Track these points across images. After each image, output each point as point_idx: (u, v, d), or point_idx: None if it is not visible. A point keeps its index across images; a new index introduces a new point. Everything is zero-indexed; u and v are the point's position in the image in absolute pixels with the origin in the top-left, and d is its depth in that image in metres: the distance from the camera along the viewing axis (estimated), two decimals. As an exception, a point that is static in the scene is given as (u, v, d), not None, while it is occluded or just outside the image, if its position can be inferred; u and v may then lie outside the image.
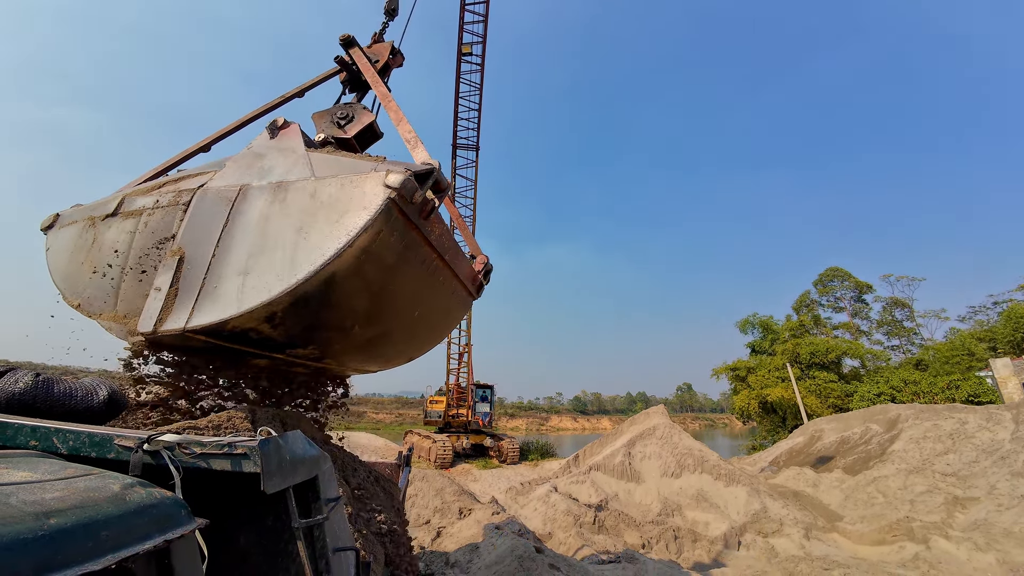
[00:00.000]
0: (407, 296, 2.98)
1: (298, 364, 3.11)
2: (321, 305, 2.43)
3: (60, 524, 0.84)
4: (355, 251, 2.27)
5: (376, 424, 61.94)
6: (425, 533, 9.11)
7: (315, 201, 2.41)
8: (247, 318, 2.28)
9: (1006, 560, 7.26)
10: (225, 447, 1.46)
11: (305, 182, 2.51)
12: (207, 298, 2.35)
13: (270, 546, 1.71)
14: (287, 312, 2.35)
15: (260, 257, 2.35)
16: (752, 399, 34.01)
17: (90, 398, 2.36)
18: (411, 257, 2.67)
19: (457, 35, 21.33)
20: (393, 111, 3.40)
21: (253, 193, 2.60)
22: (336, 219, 2.30)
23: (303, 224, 2.36)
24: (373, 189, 2.32)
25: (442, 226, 2.90)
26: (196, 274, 2.43)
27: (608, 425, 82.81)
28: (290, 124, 3.09)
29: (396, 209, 2.35)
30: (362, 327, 2.84)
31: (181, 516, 1.13)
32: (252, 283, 2.30)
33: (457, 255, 3.24)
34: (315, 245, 2.27)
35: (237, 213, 2.55)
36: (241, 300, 2.28)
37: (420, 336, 3.62)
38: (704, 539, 9.44)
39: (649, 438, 14.09)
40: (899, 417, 14.69)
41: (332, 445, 3.68)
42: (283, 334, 2.53)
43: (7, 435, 1.49)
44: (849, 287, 45.50)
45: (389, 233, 2.39)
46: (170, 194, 2.88)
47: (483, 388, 28.41)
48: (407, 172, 2.36)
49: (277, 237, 2.38)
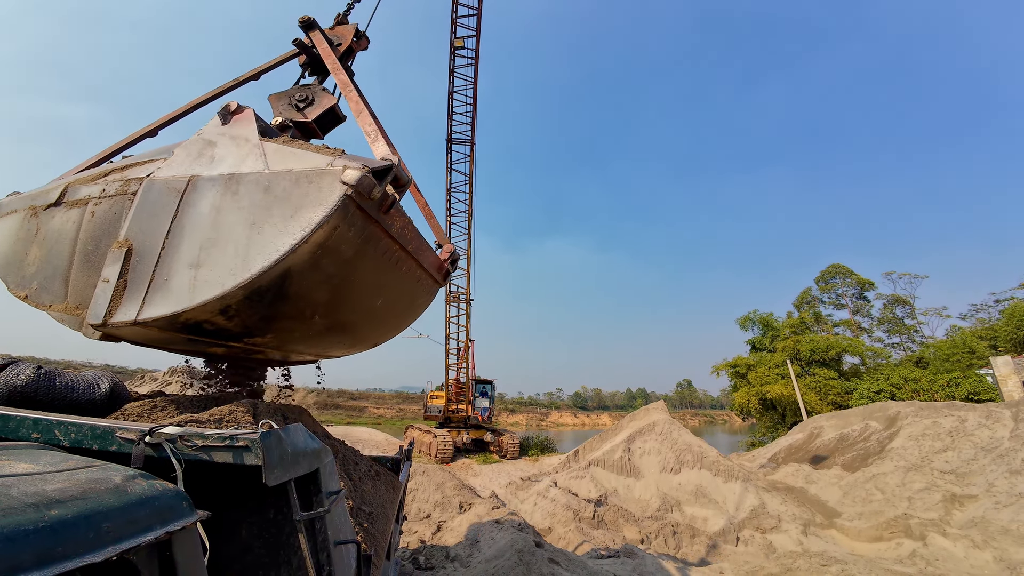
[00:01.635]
0: (369, 287, 2.95)
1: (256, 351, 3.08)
2: (277, 298, 2.40)
3: (61, 515, 0.85)
4: (311, 247, 2.24)
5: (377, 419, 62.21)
6: (425, 527, 9.16)
7: (269, 195, 2.36)
8: (200, 311, 2.27)
9: (1003, 558, 7.29)
10: (227, 439, 1.46)
11: (259, 175, 2.45)
12: (158, 291, 2.32)
13: (272, 539, 1.71)
14: (241, 305, 2.33)
15: (212, 250, 2.31)
16: (752, 396, 34.07)
17: (92, 391, 2.37)
18: (371, 250, 2.65)
19: (450, 29, 21.16)
20: (354, 101, 3.24)
21: (203, 184, 2.53)
22: (291, 214, 2.27)
23: (256, 219, 2.32)
24: (329, 185, 2.28)
25: (403, 219, 2.86)
26: (145, 266, 2.39)
27: (608, 421, 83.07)
28: (244, 109, 2.95)
29: (353, 205, 2.31)
30: (323, 317, 2.81)
31: (183, 508, 1.14)
32: (204, 276, 2.27)
33: (421, 245, 3.20)
34: (269, 240, 2.24)
35: (187, 205, 2.49)
36: (193, 294, 2.25)
37: (385, 323, 3.58)
38: (703, 534, 9.49)
39: (649, 434, 14.13)
40: (898, 414, 14.71)
41: (333, 439, 3.70)
42: (239, 325, 2.51)
43: (9, 427, 1.49)
44: (851, 284, 45.41)
45: (347, 229, 2.35)
46: (116, 183, 2.79)
47: (483, 383, 28.48)
48: (364, 169, 2.31)
49: (230, 231, 2.34)
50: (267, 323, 2.61)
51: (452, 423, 26.13)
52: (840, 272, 45.96)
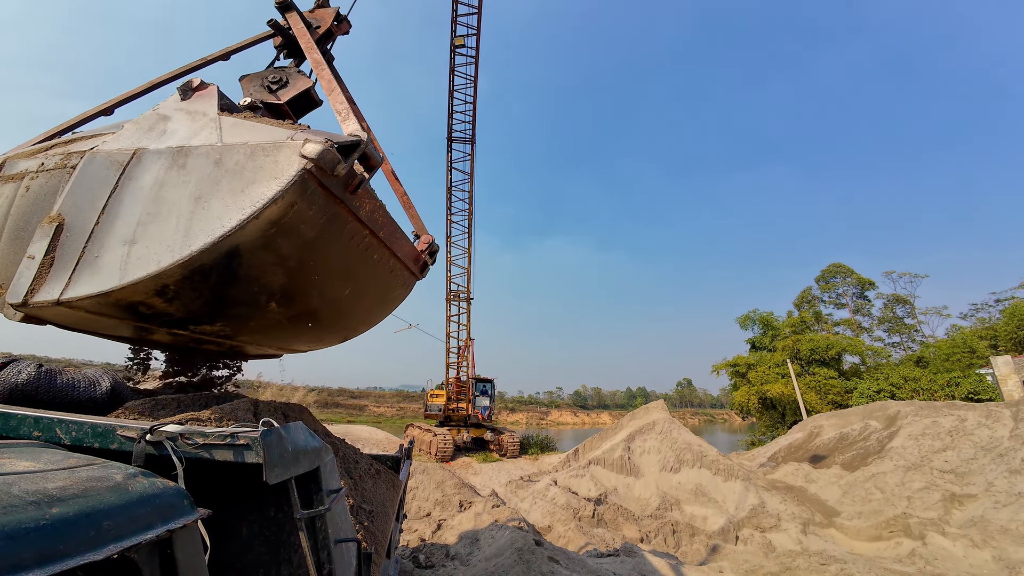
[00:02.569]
0: (334, 274, 2.73)
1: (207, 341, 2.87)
2: (224, 280, 2.19)
3: (62, 513, 0.85)
4: (262, 223, 2.04)
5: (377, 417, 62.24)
6: (426, 525, 9.18)
7: (219, 169, 2.16)
8: (132, 291, 2.06)
9: (1002, 557, 7.29)
10: (228, 438, 1.46)
11: (210, 148, 2.25)
12: (87, 268, 2.12)
13: (272, 537, 1.71)
14: (181, 286, 2.11)
15: (150, 226, 2.10)
16: (752, 395, 34.08)
17: (92, 389, 2.37)
18: (336, 233, 2.44)
19: (450, 27, 21.10)
20: (326, 80, 3.06)
21: (149, 157, 2.32)
22: (241, 188, 2.07)
23: (203, 193, 2.11)
24: (287, 159, 2.09)
25: (374, 202, 2.67)
26: (76, 243, 2.19)
27: (608, 420, 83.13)
28: (208, 86, 2.75)
29: (314, 181, 2.13)
30: (280, 305, 2.58)
31: (183, 506, 1.14)
32: (139, 253, 2.06)
33: (394, 232, 3.01)
34: (215, 215, 2.03)
35: (128, 178, 2.28)
36: (125, 271, 2.04)
37: (353, 316, 3.37)
38: (702, 533, 9.50)
39: (649, 433, 14.15)
40: (898, 414, 14.71)
41: (333, 437, 3.70)
42: (181, 309, 2.29)
43: (10, 426, 1.49)
44: (851, 283, 45.39)
45: (307, 207, 2.16)
46: (57, 156, 2.61)
47: (483, 382, 28.49)
48: (328, 143, 2.14)
49: (172, 205, 2.12)
50: (215, 309, 2.41)
51: (452, 422, 26.15)
52: (840, 271, 45.94)
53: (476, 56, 21.89)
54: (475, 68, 22.33)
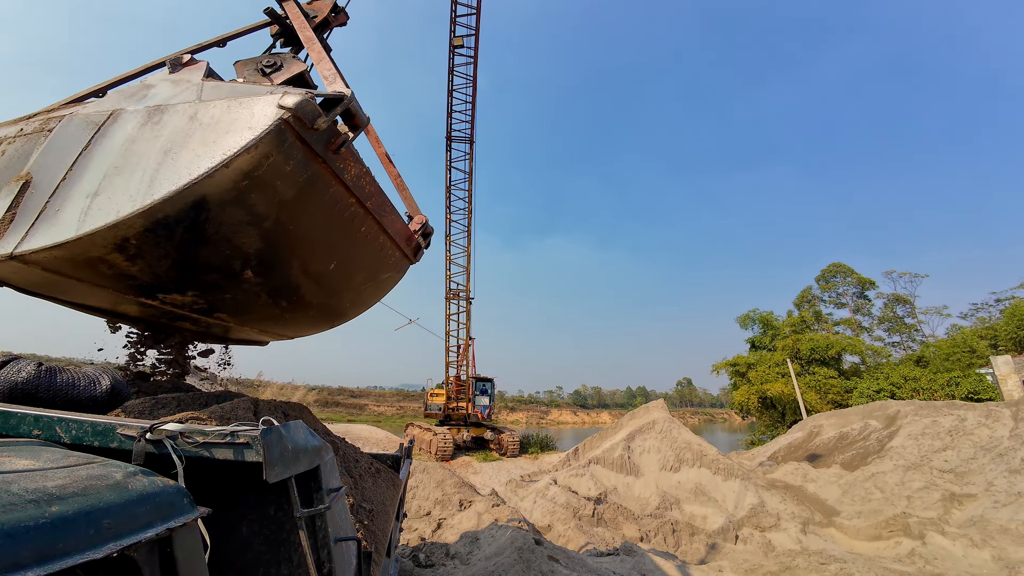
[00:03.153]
0: (316, 244, 2.59)
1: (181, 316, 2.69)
2: (191, 237, 2.05)
3: (62, 512, 0.84)
4: (233, 174, 1.93)
5: (377, 416, 62.29)
6: (426, 524, 9.19)
7: (194, 123, 2.07)
8: (90, 243, 1.93)
9: (1001, 557, 7.30)
10: (228, 436, 1.46)
11: (187, 105, 2.17)
12: (45, 222, 2.01)
13: (272, 535, 1.71)
14: (143, 240, 1.98)
15: (115, 178, 2.01)
16: (752, 394, 34.10)
17: (92, 387, 2.36)
18: (317, 195, 2.32)
19: (449, 28, 21.11)
20: (316, 51, 3.00)
21: (125, 116, 2.24)
22: (214, 139, 1.98)
23: (174, 145, 2.02)
24: (264, 110, 2.00)
25: (360, 167, 2.55)
26: (39, 198, 2.10)
27: (608, 419, 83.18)
28: (198, 61, 2.70)
29: (292, 133, 2.02)
30: (258, 275, 2.46)
31: (183, 505, 1.14)
32: (100, 204, 1.95)
33: (384, 205, 2.91)
34: (183, 165, 1.94)
35: (102, 136, 2.21)
36: (83, 222, 1.92)
37: (340, 295, 3.22)
38: (702, 532, 9.51)
39: (648, 432, 14.15)
40: (898, 413, 14.72)
41: (334, 436, 3.70)
42: (146, 271, 2.16)
43: (10, 424, 1.49)
44: (851, 283, 45.41)
45: (283, 160, 2.04)
46: (37, 122, 2.56)
47: (483, 381, 28.52)
48: (307, 94, 2.05)
49: (140, 158, 2.03)
50: (185, 274, 2.28)
51: (452, 421, 26.17)
52: (841, 271, 45.96)
53: (475, 56, 21.93)
54: (474, 68, 22.37)
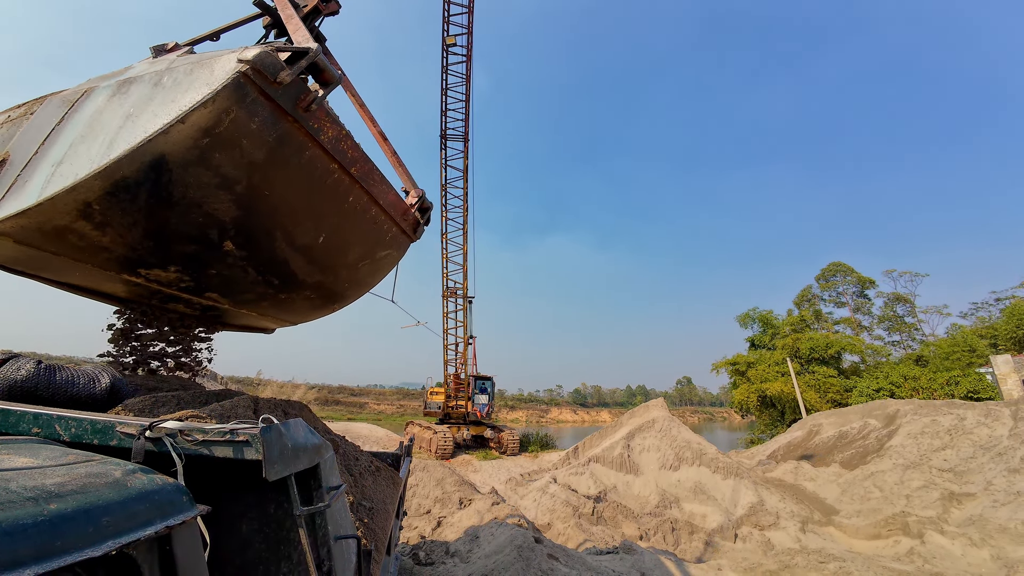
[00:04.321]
0: (297, 212, 2.48)
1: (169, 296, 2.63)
2: (157, 202, 2.00)
3: (61, 509, 0.84)
4: (191, 130, 1.87)
5: (377, 415, 62.36)
6: (426, 523, 9.21)
7: (157, 88, 2.04)
8: (51, 209, 1.91)
9: (1000, 556, 7.31)
10: (227, 434, 1.46)
11: (153, 73, 2.14)
12: (14, 193, 2.04)
13: (272, 533, 1.71)
14: (106, 205, 1.95)
15: (80, 146, 2.02)
16: (751, 393, 34.12)
17: (92, 385, 2.36)
18: (292, 158, 2.24)
19: (442, 27, 21.06)
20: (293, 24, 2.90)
21: (97, 92, 2.27)
22: (173, 99, 1.93)
23: (135, 111, 2.00)
24: (224, 66, 1.93)
25: (338, 128, 2.43)
26: (12, 173, 2.16)
27: (608, 418, 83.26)
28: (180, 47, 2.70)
29: (254, 88, 1.94)
30: (240, 247, 2.40)
31: (183, 503, 1.13)
32: (62, 171, 1.96)
33: (372, 174, 2.79)
34: (140, 125, 1.92)
35: (74, 112, 2.25)
36: (44, 188, 1.93)
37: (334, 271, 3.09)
38: (701, 531, 9.53)
39: (648, 431, 14.17)
40: (898, 412, 14.73)
41: (334, 435, 3.70)
42: (118, 240, 2.12)
43: (9, 422, 1.49)
44: (851, 282, 45.40)
45: (247, 117, 1.96)
46: (24, 107, 2.66)
47: (483, 380, 28.53)
48: (269, 47, 1.99)
49: (104, 126, 2.04)
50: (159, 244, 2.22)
51: (452, 419, 26.18)
52: (840, 270, 45.94)
53: (468, 54, 21.93)
54: (468, 66, 22.35)
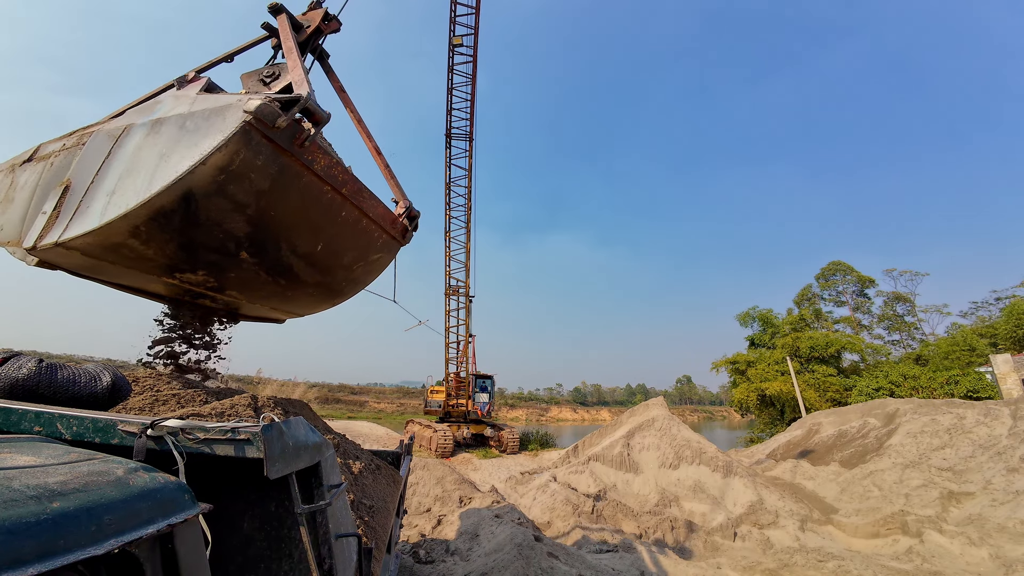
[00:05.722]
0: (300, 227, 2.99)
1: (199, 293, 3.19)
2: (187, 222, 2.52)
3: (63, 508, 0.84)
4: (211, 169, 2.37)
5: (377, 413, 62.40)
6: (426, 521, 9.22)
7: (183, 131, 2.55)
8: (110, 231, 2.45)
9: (999, 555, 7.32)
10: (228, 432, 1.46)
11: (179, 116, 2.65)
12: (79, 217, 2.57)
13: (273, 531, 1.72)
14: (149, 227, 2.47)
15: (126, 179, 2.54)
16: (751, 392, 34.14)
17: (93, 384, 2.37)
18: (291, 184, 2.72)
19: (448, 27, 21.11)
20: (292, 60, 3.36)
21: (135, 130, 2.78)
22: (195, 143, 2.44)
23: (167, 150, 2.52)
24: (232, 115, 2.42)
25: (329, 158, 2.93)
26: (75, 198, 2.67)
27: (607, 416, 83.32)
28: (200, 78, 3.17)
29: (257, 133, 2.42)
30: (252, 255, 2.90)
31: (184, 501, 1.14)
32: (116, 201, 2.48)
33: (361, 192, 3.28)
34: (172, 165, 2.42)
35: (118, 147, 2.74)
36: (104, 214, 2.46)
37: (332, 272, 3.59)
38: (700, 529, 9.55)
39: (648, 429, 14.18)
40: (897, 411, 14.74)
41: (334, 433, 3.71)
42: (159, 252, 2.65)
43: (11, 421, 1.49)
44: (851, 281, 45.38)
45: (253, 156, 2.46)
46: (75, 137, 3.14)
47: (483, 378, 28.54)
48: (267, 98, 2.43)
49: (143, 163, 2.55)
50: (190, 254, 2.72)
51: (452, 418, 26.19)
52: (840, 269, 45.91)
53: (474, 54, 21.97)
54: (473, 66, 22.39)
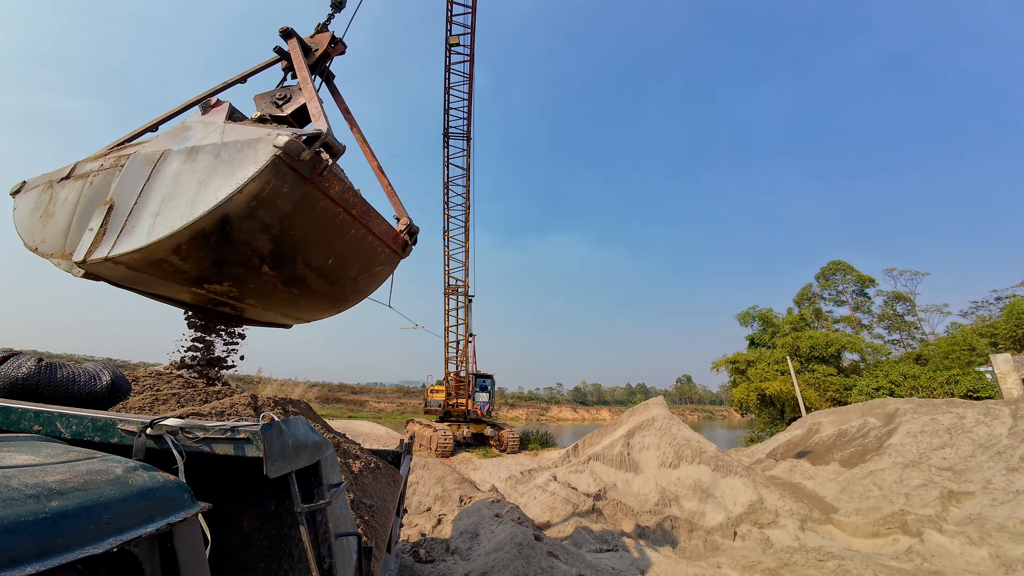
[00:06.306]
0: (315, 244, 3.32)
1: (222, 301, 3.51)
2: (221, 241, 2.82)
3: (62, 507, 0.84)
4: (245, 197, 2.69)
5: (378, 413, 62.42)
6: (426, 520, 9.23)
7: (218, 160, 2.87)
8: (156, 248, 2.74)
9: (999, 555, 7.32)
10: (228, 431, 1.46)
11: (213, 145, 2.97)
12: (126, 234, 2.85)
13: (273, 530, 1.72)
14: (190, 246, 2.76)
15: (169, 202, 2.83)
16: (751, 392, 34.14)
17: (93, 383, 2.37)
18: (309, 208, 3.05)
19: (445, 27, 21.10)
20: (307, 90, 3.81)
21: (172, 156, 3.08)
22: (231, 172, 2.75)
23: (205, 177, 2.83)
24: (263, 148, 2.75)
25: (343, 184, 3.28)
26: (120, 217, 2.94)
27: (607, 416, 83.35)
28: (222, 103, 3.47)
29: (284, 165, 2.75)
30: (272, 268, 3.22)
31: (184, 500, 1.14)
32: (160, 221, 2.77)
33: (368, 212, 3.61)
34: (212, 191, 2.73)
35: (157, 171, 3.04)
36: (151, 234, 2.75)
37: (340, 283, 3.90)
38: (700, 529, 9.55)
39: (648, 429, 14.18)
40: (897, 411, 14.74)
41: (334, 433, 3.71)
42: (194, 267, 2.94)
43: (11, 419, 1.49)
44: (851, 281, 45.38)
45: (280, 184, 2.78)
46: (112, 159, 3.42)
47: (483, 378, 28.53)
48: (294, 135, 2.77)
49: (184, 188, 2.85)
50: (220, 268, 3.03)
51: (452, 417, 26.18)
52: (841, 268, 45.91)
53: (471, 54, 21.96)
54: (470, 65, 22.36)
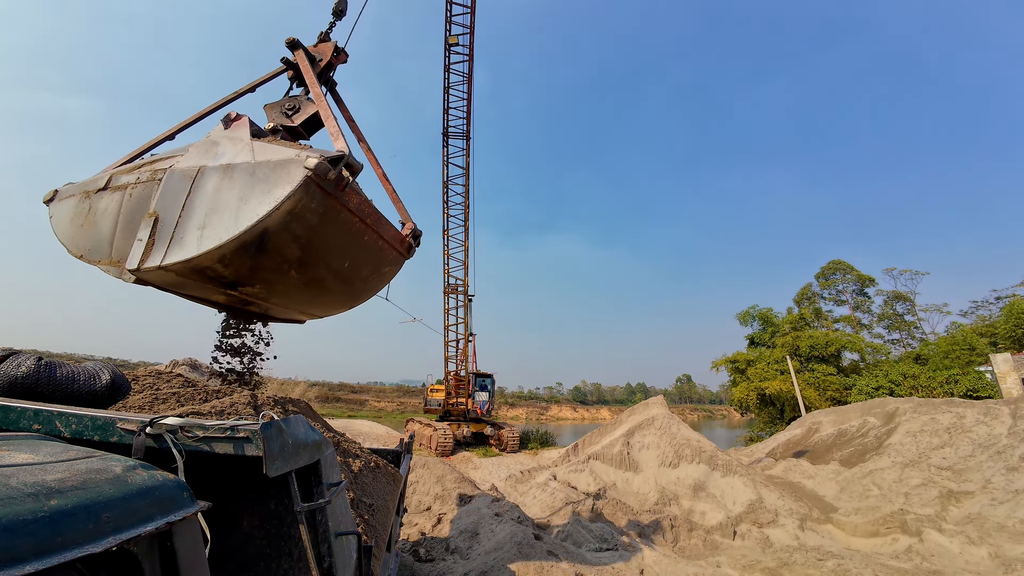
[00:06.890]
0: (335, 250, 3.68)
1: (250, 301, 3.84)
2: (259, 251, 3.18)
3: (61, 505, 0.84)
4: (282, 213, 3.05)
5: (378, 412, 62.44)
6: (426, 519, 9.23)
7: (254, 178, 3.21)
8: (205, 258, 3.09)
9: (998, 554, 7.33)
10: (228, 431, 1.46)
11: (247, 164, 3.31)
12: (176, 245, 3.18)
13: (273, 529, 1.72)
14: (234, 255, 3.12)
15: (213, 216, 3.18)
16: (751, 391, 34.16)
17: (92, 382, 2.36)
18: (332, 219, 3.41)
19: (444, 26, 21.11)
20: (324, 109, 4.13)
21: (209, 172, 3.41)
22: (268, 190, 3.11)
23: (244, 195, 3.17)
24: (296, 170, 3.10)
25: (360, 197, 3.64)
26: (167, 229, 3.27)
27: (607, 415, 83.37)
28: (241, 117, 3.82)
29: (314, 184, 3.11)
30: (298, 272, 3.55)
31: (183, 499, 1.13)
32: (207, 234, 3.12)
33: (379, 220, 3.95)
34: (252, 208, 3.08)
35: (197, 187, 3.37)
36: (200, 245, 3.10)
37: (353, 284, 4.24)
38: (700, 528, 9.56)
39: (648, 428, 14.19)
40: (897, 410, 14.75)
41: (334, 431, 3.72)
42: (233, 273, 3.29)
43: (10, 418, 1.49)
44: (851, 280, 45.39)
45: (309, 201, 3.14)
46: (147, 172, 3.71)
47: (483, 377, 28.54)
48: (321, 157, 3.13)
49: (226, 203, 3.19)
50: (253, 273, 3.36)
51: (452, 417, 26.19)
52: (841, 268, 45.92)
53: (471, 54, 21.95)
54: (470, 65, 22.35)
